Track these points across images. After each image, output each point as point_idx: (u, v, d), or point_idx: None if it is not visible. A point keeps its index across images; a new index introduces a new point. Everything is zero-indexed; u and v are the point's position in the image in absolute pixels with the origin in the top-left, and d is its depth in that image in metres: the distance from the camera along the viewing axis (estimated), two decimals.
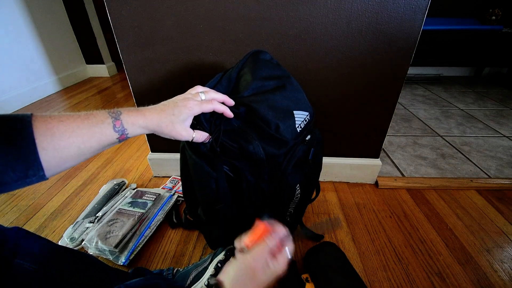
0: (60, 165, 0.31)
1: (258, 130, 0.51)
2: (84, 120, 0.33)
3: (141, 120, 0.38)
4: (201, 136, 0.46)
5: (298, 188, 0.61)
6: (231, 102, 0.49)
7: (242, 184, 0.52)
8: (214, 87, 0.55)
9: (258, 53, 0.60)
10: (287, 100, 0.54)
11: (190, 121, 0.43)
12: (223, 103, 0.47)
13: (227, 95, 0.54)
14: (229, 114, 0.47)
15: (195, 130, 0.45)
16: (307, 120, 0.57)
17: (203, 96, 0.45)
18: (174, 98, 0.43)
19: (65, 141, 0.31)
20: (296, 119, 0.54)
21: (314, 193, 0.68)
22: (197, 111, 0.42)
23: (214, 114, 0.49)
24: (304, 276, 0.63)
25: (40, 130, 0.29)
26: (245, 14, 0.70)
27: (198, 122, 0.48)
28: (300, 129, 0.55)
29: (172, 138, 0.42)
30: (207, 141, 0.47)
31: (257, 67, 0.56)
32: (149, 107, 0.40)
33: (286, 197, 0.60)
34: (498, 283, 0.64)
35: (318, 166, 0.66)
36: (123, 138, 0.36)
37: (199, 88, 0.47)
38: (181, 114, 0.41)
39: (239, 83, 0.56)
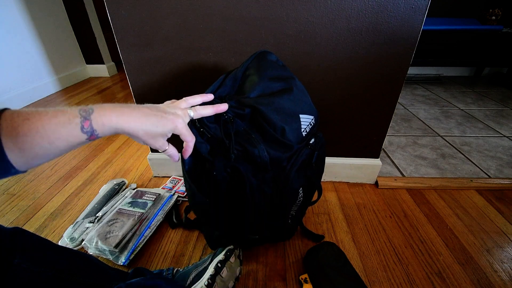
0: (29, 163, 0.30)
1: (263, 133, 0.50)
2: (52, 118, 0.30)
3: (115, 121, 0.34)
4: (173, 153, 0.44)
5: (301, 191, 0.60)
6: (224, 108, 0.48)
7: (245, 187, 0.52)
8: (218, 89, 0.54)
9: (265, 54, 0.59)
10: (293, 103, 0.53)
11: (169, 136, 0.41)
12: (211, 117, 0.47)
13: (232, 95, 0.53)
14: (188, 153, 0.46)
15: (169, 145, 0.43)
16: (312, 124, 0.56)
17: (191, 113, 0.44)
18: (162, 105, 0.41)
19: (29, 142, 0.29)
20: (302, 123, 0.54)
21: (316, 195, 0.68)
22: (180, 132, 0.41)
23: (220, 118, 0.49)
24: (302, 276, 0.63)
25: (6, 130, 0.27)
26: (245, 14, 0.70)
27: (202, 125, 0.48)
28: (306, 133, 0.55)
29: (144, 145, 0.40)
30: (177, 160, 0.46)
31: (263, 67, 0.56)
32: (131, 106, 0.36)
33: (289, 200, 0.60)
34: (498, 283, 0.64)
35: (321, 168, 0.66)
36: (93, 138, 0.33)
37: (189, 100, 0.45)
38: (165, 129, 0.38)
39: (244, 83, 0.55)
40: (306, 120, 0.54)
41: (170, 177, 1.01)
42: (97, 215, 0.80)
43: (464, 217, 0.83)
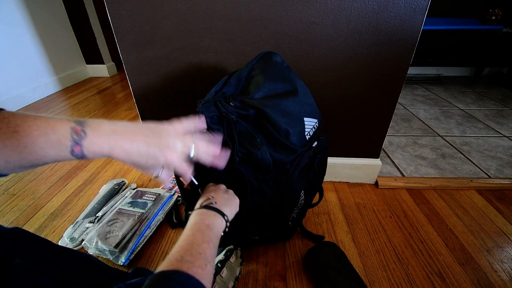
0: (13, 171, 0.30)
1: (267, 135, 0.50)
2: (41, 136, 0.28)
3: (106, 150, 0.32)
4: (165, 178, 0.40)
5: (302, 194, 0.60)
6: (224, 162, 0.45)
7: (245, 189, 0.52)
8: (221, 88, 0.54)
9: (270, 55, 0.59)
10: (298, 106, 0.53)
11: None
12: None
13: (236, 95, 0.53)
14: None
15: (163, 169, 0.38)
16: (316, 128, 0.56)
17: (192, 153, 0.38)
18: (163, 137, 0.36)
19: (16, 156, 0.28)
20: (306, 126, 0.53)
21: (317, 197, 0.68)
22: (176, 171, 0.38)
23: (224, 120, 0.48)
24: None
25: None
26: (245, 14, 0.70)
27: (206, 126, 0.48)
28: (309, 136, 0.54)
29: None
30: (167, 185, 0.44)
31: (268, 68, 0.55)
32: (128, 130, 0.33)
33: (291, 203, 0.59)
34: (498, 283, 0.64)
35: (322, 171, 0.66)
36: (82, 159, 0.32)
37: (194, 137, 0.39)
38: (155, 164, 0.35)
39: (249, 84, 0.55)
40: (310, 124, 0.54)
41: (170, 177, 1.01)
42: (97, 215, 0.80)
43: (464, 217, 0.83)
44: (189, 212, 0.44)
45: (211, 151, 0.40)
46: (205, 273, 0.31)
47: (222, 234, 0.42)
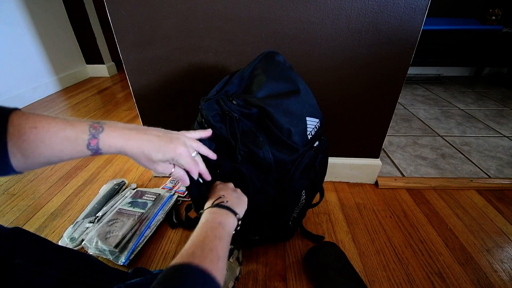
0: (29, 167, 0.31)
1: (269, 135, 0.50)
2: (59, 131, 0.30)
3: (120, 144, 0.34)
4: (181, 175, 0.44)
5: (303, 194, 0.60)
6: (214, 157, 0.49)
7: (247, 189, 0.52)
8: (224, 87, 0.54)
9: (272, 54, 0.59)
10: (300, 106, 0.53)
11: (172, 162, 0.41)
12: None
13: (239, 94, 0.53)
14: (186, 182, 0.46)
15: (175, 167, 0.42)
16: (317, 127, 0.56)
17: (193, 154, 0.43)
18: (173, 133, 0.40)
19: (32, 150, 0.29)
20: (307, 125, 0.53)
21: (318, 197, 0.68)
22: (185, 165, 0.41)
23: (226, 117, 0.49)
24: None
25: (12, 136, 0.28)
26: (245, 14, 0.70)
27: (209, 124, 0.48)
28: (311, 136, 0.54)
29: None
30: (188, 184, 0.46)
31: (271, 68, 0.55)
32: (141, 128, 0.37)
33: (292, 203, 0.59)
34: (498, 283, 0.64)
35: (323, 171, 0.66)
36: (96, 155, 0.34)
37: (196, 145, 0.45)
38: (165, 156, 0.38)
39: (252, 83, 0.55)
40: (311, 123, 0.54)
41: (170, 177, 1.01)
42: (97, 215, 0.80)
43: (464, 217, 0.83)
44: (200, 212, 0.45)
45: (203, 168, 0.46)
46: (217, 268, 0.32)
47: (234, 232, 0.43)
